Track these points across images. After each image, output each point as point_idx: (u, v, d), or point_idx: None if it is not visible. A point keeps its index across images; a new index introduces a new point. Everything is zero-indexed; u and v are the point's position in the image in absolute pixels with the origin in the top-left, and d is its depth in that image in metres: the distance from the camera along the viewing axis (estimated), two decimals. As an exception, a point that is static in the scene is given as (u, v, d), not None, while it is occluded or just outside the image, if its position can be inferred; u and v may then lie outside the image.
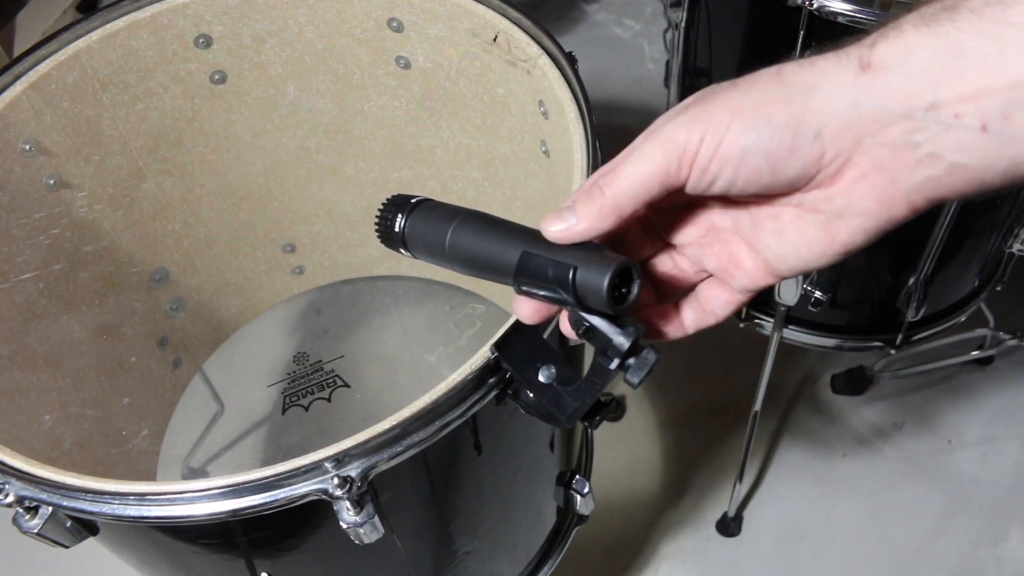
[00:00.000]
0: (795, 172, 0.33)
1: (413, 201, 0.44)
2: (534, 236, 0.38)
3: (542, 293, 0.38)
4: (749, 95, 0.33)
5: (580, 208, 0.36)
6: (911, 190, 0.32)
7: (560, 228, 0.37)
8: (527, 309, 0.40)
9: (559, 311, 0.40)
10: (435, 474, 0.54)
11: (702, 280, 0.41)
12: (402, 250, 0.44)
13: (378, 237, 0.45)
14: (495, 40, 0.69)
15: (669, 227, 0.40)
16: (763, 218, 0.36)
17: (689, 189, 0.35)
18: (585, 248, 0.37)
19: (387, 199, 0.44)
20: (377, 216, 0.44)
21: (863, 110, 0.31)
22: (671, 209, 0.40)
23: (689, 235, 0.40)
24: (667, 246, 0.41)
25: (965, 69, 0.29)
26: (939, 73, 0.30)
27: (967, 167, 0.30)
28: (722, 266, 0.39)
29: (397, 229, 0.43)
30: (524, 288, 0.38)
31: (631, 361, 0.38)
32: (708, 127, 0.33)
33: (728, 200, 0.38)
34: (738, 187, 0.34)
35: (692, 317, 0.41)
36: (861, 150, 0.32)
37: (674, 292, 0.41)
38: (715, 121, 0.33)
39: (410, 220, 0.43)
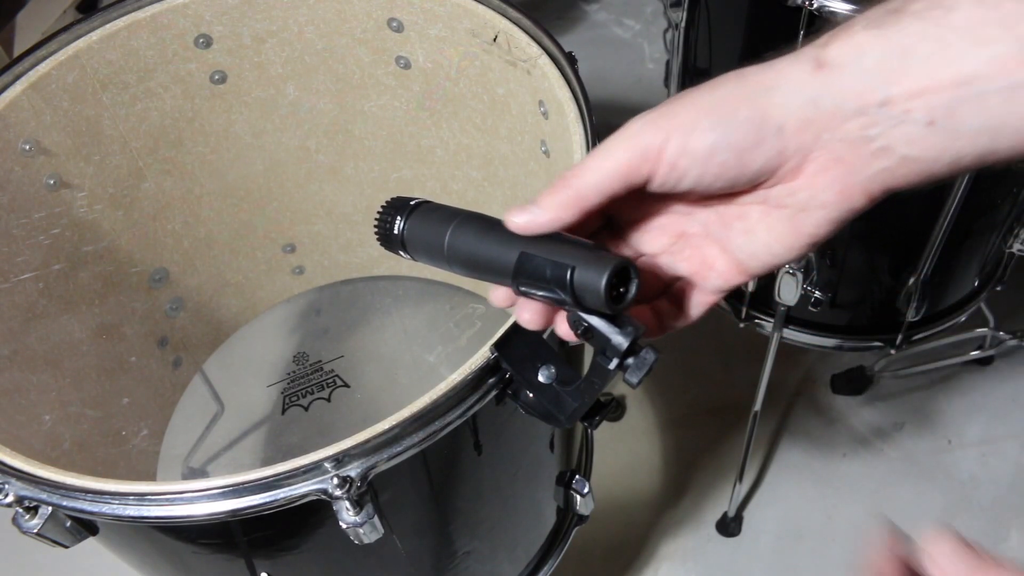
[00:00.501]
0: (759, 165, 0.34)
1: (412, 203, 0.44)
2: (532, 237, 0.38)
3: (540, 293, 0.38)
4: (713, 94, 0.35)
5: (544, 199, 0.37)
6: (868, 180, 0.33)
7: (524, 219, 0.37)
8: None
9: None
10: (435, 474, 0.54)
11: (674, 284, 0.42)
12: (401, 252, 0.44)
13: (377, 240, 0.45)
14: (495, 40, 0.69)
15: (640, 238, 0.41)
16: (731, 218, 0.38)
17: (658, 187, 0.36)
18: (583, 248, 0.37)
19: (386, 202, 0.44)
20: (376, 219, 0.44)
21: (821, 107, 0.33)
22: (640, 219, 0.41)
23: (659, 244, 0.41)
24: (638, 256, 0.42)
25: (911, 68, 0.31)
26: (889, 72, 0.31)
27: (917, 159, 0.32)
28: (695, 270, 0.40)
29: (396, 231, 0.43)
30: (522, 289, 0.38)
31: (630, 361, 0.38)
32: (673, 125, 0.34)
33: (696, 201, 0.39)
34: (706, 182, 0.35)
35: (666, 320, 0.42)
36: (820, 144, 0.33)
37: (647, 298, 0.42)
38: (680, 119, 0.34)
39: (409, 222, 0.43)
